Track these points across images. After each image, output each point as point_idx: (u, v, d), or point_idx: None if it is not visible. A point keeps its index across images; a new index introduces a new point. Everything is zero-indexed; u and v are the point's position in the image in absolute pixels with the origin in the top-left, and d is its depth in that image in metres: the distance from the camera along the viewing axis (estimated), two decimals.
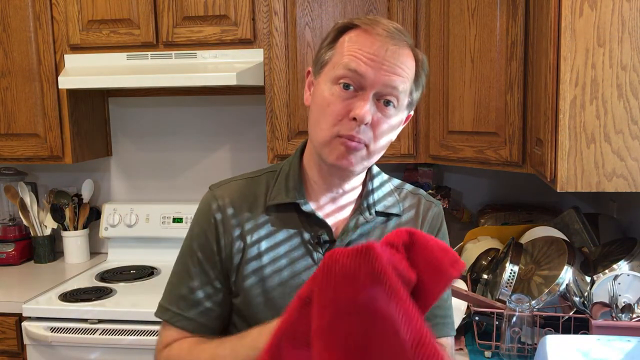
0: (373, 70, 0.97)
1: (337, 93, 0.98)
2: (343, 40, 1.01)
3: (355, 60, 0.97)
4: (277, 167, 1.15)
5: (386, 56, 0.97)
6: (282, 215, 1.08)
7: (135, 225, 2.49)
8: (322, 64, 1.03)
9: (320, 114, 1.00)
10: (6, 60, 2.27)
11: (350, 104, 0.98)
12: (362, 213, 1.10)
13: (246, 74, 2.06)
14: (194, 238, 1.10)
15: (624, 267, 1.59)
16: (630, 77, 1.31)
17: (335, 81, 0.99)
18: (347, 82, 0.98)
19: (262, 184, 1.12)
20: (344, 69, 0.98)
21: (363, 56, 0.97)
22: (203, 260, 1.08)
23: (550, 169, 1.37)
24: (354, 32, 1.01)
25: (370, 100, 0.98)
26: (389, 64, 0.97)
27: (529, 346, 1.51)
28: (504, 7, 1.73)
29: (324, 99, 1.00)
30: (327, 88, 1.00)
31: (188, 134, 2.58)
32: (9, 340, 2.05)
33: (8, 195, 2.54)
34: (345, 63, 0.98)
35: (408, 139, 2.08)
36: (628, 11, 1.30)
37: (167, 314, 1.09)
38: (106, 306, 2.01)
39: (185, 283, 1.09)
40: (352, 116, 0.97)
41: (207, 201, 1.11)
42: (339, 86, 0.98)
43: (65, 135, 2.30)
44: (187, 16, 2.15)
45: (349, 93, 0.98)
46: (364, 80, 0.97)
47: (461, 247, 2.08)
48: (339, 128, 0.98)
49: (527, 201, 2.32)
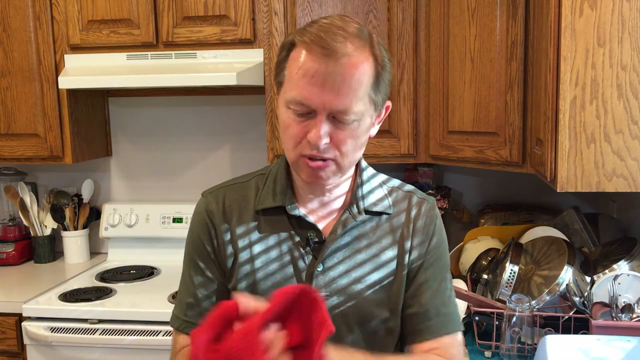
0: (316, 96, 0.95)
1: (292, 117, 0.98)
2: (291, 60, 0.99)
3: (298, 89, 0.96)
4: (266, 170, 1.16)
5: (327, 80, 0.94)
6: (272, 219, 1.09)
7: (135, 225, 2.49)
8: (278, 84, 1.03)
9: (284, 135, 1.02)
10: (6, 60, 2.27)
11: (306, 127, 0.97)
12: (351, 211, 1.09)
13: (246, 74, 2.06)
14: (191, 245, 1.13)
15: (624, 267, 1.59)
16: (630, 77, 1.31)
17: (287, 105, 0.99)
18: (295, 109, 0.97)
19: (252, 187, 1.13)
20: (292, 99, 0.97)
21: (306, 83, 0.95)
22: (203, 266, 1.11)
23: (550, 169, 1.37)
24: (297, 51, 0.98)
25: (323, 123, 0.96)
26: (331, 86, 0.94)
27: (529, 346, 1.51)
28: (504, 7, 1.73)
29: (283, 122, 1.01)
30: (284, 111, 1.00)
31: (188, 134, 2.58)
32: (9, 340, 2.05)
33: (8, 195, 2.54)
34: (290, 94, 0.97)
35: (408, 139, 2.08)
36: (628, 11, 1.30)
37: (177, 322, 1.13)
38: (106, 306, 2.01)
39: (189, 291, 1.12)
40: (307, 139, 0.97)
41: (200, 207, 1.13)
42: (292, 111, 0.98)
43: (65, 135, 2.30)
44: (187, 16, 2.15)
45: (303, 116, 0.97)
46: (312, 106, 0.96)
47: (461, 247, 2.08)
48: (301, 149, 0.99)
49: (527, 201, 2.31)
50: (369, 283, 1.08)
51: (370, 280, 1.09)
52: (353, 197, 1.10)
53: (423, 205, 1.13)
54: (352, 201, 1.10)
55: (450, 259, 2.08)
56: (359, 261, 1.09)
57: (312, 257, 1.08)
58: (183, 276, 1.15)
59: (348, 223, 1.08)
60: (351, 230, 1.09)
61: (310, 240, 1.07)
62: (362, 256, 1.09)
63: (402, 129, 2.08)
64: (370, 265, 1.09)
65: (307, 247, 1.08)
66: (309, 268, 1.07)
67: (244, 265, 1.08)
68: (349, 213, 1.09)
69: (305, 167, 1.00)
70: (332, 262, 1.08)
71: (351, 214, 1.09)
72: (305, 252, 1.07)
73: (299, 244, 1.08)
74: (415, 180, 2.36)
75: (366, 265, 1.09)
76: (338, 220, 1.09)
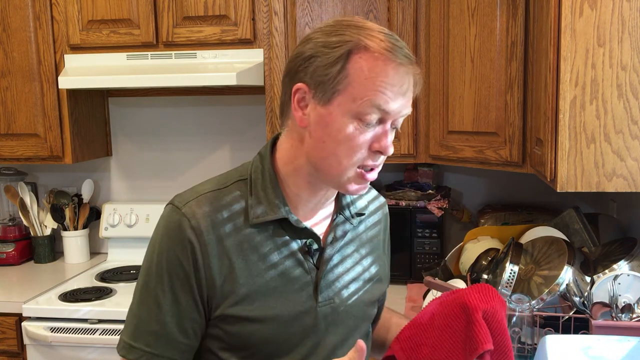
0: (399, 105, 0.93)
1: (360, 128, 0.93)
2: (359, 67, 0.91)
3: (384, 98, 0.91)
4: (244, 173, 1.05)
5: (410, 87, 0.94)
6: (267, 228, 1.01)
7: (135, 225, 2.49)
8: (334, 92, 0.92)
9: (339, 147, 0.94)
10: (6, 60, 2.27)
11: (372, 136, 0.94)
12: (344, 215, 1.09)
13: (246, 74, 2.06)
14: (163, 264, 0.98)
15: (624, 267, 1.59)
16: (630, 77, 1.31)
17: (358, 116, 0.92)
18: (370, 120, 0.92)
19: (234, 194, 1.02)
20: (371, 106, 0.91)
21: (392, 92, 0.91)
22: (177, 289, 0.96)
23: (550, 169, 1.37)
24: (370, 57, 0.91)
25: (389, 130, 0.96)
26: (410, 94, 0.94)
27: (529, 346, 1.51)
28: (504, 7, 1.73)
29: (345, 135, 0.93)
30: (346, 121, 0.92)
31: (188, 134, 2.58)
32: (9, 340, 2.05)
33: (8, 195, 2.54)
34: (372, 100, 0.91)
35: (408, 139, 2.08)
36: (628, 11, 1.30)
37: (134, 353, 0.97)
38: (106, 306, 2.01)
39: (154, 316, 0.97)
40: (376, 149, 0.94)
41: (177, 221, 0.97)
42: (361, 121, 0.92)
43: (65, 135, 2.30)
44: (187, 16, 2.15)
45: (370, 126, 0.93)
46: (388, 115, 0.93)
47: (461, 247, 2.08)
48: (362, 160, 0.95)
49: (527, 201, 2.32)
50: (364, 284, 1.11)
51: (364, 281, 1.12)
52: (344, 202, 1.10)
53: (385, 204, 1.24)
54: (344, 205, 1.10)
55: (451, 258, 2.09)
56: (355, 264, 1.10)
57: (312, 264, 1.04)
58: (142, 297, 0.99)
59: (346, 227, 1.08)
60: (346, 235, 1.09)
61: (310, 248, 1.04)
62: (355, 259, 1.11)
63: (402, 129, 2.08)
64: (362, 267, 1.12)
65: (307, 254, 1.03)
66: (313, 279, 1.04)
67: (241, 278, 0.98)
68: (343, 217, 1.09)
69: (359, 179, 0.97)
70: (332, 268, 1.06)
71: (346, 218, 1.09)
72: (306, 260, 1.03)
73: (298, 252, 1.03)
74: (415, 180, 2.36)
75: (360, 267, 1.11)
76: (333, 225, 1.07)
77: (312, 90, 0.94)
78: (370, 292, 1.12)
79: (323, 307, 1.04)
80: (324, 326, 1.04)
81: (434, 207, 2.19)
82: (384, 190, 2.32)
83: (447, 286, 1.61)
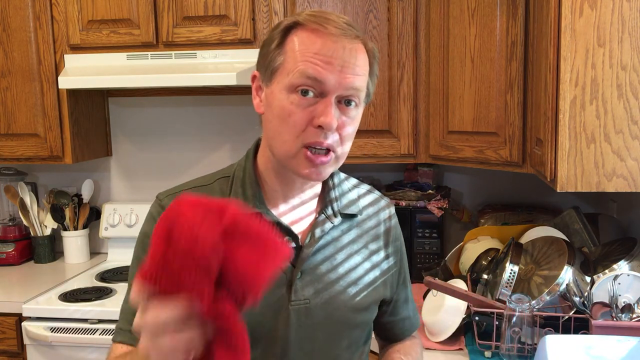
0: (332, 74, 0.91)
1: (297, 101, 0.92)
2: (292, 42, 0.94)
3: (312, 67, 0.91)
4: (228, 171, 1.08)
5: (344, 57, 0.92)
6: None
7: (135, 225, 2.48)
8: (273, 70, 0.95)
9: (282, 125, 0.94)
10: (6, 60, 2.27)
11: (312, 111, 0.92)
12: (326, 213, 1.05)
13: (246, 74, 2.06)
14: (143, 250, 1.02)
15: (624, 267, 1.59)
16: (630, 77, 1.31)
17: (292, 89, 0.93)
18: (305, 89, 0.92)
19: (215, 191, 1.05)
20: (301, 76, 0.91)
21: (320, 60, 0.91)
22: None
23: (550, 169, 1.37)
24: (302, 32, 0.94)
25: (333, 105, 0.93)
26: (347, 64, 0.92)
27: (529, 346, 1.51)
28: (504, 7, 1.73)
29: (283, 109, 0.93)
30: (284, 97, 0.93)
31: (188, 134, 2.58)
32: (9, 340, 2.05)
33: (8, 195, 2.54)
34: (301, 70, 0.91)
35: (408, 139, 2.08)
36: (628, 11, 1.30)
37: (121, 335, 1.02)
38: (106, 306, 2.01)
39: None
40: (317, 124, 0.92)
41: (157, 212, 1.03)
42: (297, 94, 0.92)
43: (65, 135, 2.30)
44: (187, 16, 2.15)
45: (309, 100, 0.92)
46: (324, 86, 0.92)
47: (461, 247, 2.08)
48: (304, 137, 0.93)
49: (527, 201, 2.32)
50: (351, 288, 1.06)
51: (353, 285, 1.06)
52: (327, 200, 1.07)
53: (388, 209, 1.18)
54: (327, 203, 1.06)
55: (451, 258, 2.09)
56: (336, 265, 1.05)
57: (290, 264, 1.01)
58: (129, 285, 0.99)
59: (326, 226, 1.04)
60: (327, 234, 1.05)
61: None
62: (338, 260, 1.06)
63: (402, 129, 2.08)
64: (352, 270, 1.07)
65: None
66: (288, 276, 1.01)
67: None
68: (324, 216, 1.05)
69: (306, 160, 0.94)
70: (310, 268, 1.02)
71: (327, 217, 1.05)
72: None
73: None
74: (415, 180, 2.36)
75: (347, 270, 1.06)
76: (314, 223, 1.04)
77: (261, 75, 0.99)
78: (360, 298, 1.06)
79: (296, 306, 1.00)
80: (296, 326, 1.00)
81: (434, 207, 2.19)
82: (384, 190, 2.32)
83: (448, 286, 1.61)
